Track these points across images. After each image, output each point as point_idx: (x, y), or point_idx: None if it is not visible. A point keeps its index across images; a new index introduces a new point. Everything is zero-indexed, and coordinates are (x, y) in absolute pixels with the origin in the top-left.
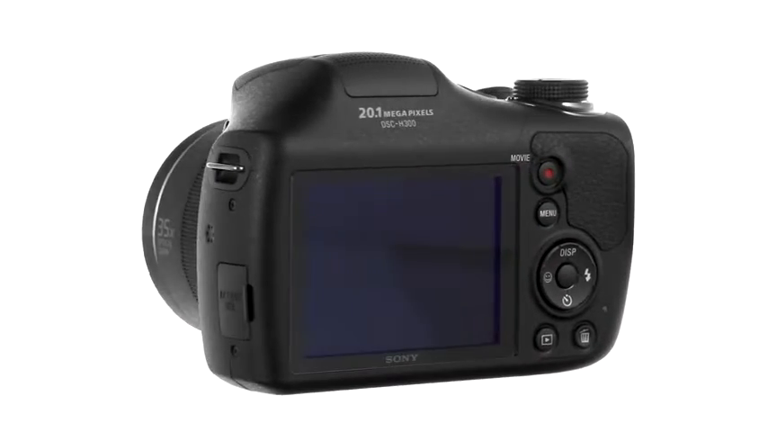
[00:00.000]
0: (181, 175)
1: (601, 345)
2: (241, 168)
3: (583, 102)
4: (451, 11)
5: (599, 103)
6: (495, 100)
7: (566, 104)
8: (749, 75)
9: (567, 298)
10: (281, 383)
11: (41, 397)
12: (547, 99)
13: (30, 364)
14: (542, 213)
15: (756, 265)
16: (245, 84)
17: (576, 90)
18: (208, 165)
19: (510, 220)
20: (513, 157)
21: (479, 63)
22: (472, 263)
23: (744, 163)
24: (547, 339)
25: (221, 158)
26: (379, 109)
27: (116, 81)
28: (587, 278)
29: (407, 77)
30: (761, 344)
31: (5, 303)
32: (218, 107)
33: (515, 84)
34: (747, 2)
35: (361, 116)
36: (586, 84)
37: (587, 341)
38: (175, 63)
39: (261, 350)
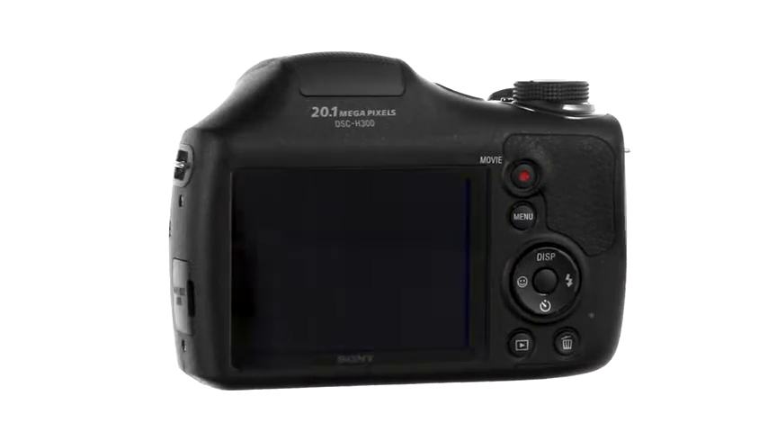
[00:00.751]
0: None
1: (587, 353)
2: (187, 165)
3: (584, 103)
4: (457, 12)
5: (601, 104)
6: (475, 101)
7: (565, 107)
8: (751, 76)
9: (546, 303)
10: (223, 379)
11: (67, 379)
12: (546, 101)
13: (59, 345)
14: (516, 216)
15: (762, 269)
16: (237, 81)
17: (575, 91)
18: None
19: (480, 223)
20: (483, 159)
21: (488, 65)
22: (438, 265)
23: (750, 166)
24: (522, 344)
25: (180, 155)
26: (334, 108)
27: (152, 83)
28: (569, 283)
29: (372, 77)
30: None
31: (33, 295)
32: None
33: (514, 85)
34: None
35: (314, 115)
36: (587, 85)
37: (569, 348)
38: (208, 63)
39: (202, 345)
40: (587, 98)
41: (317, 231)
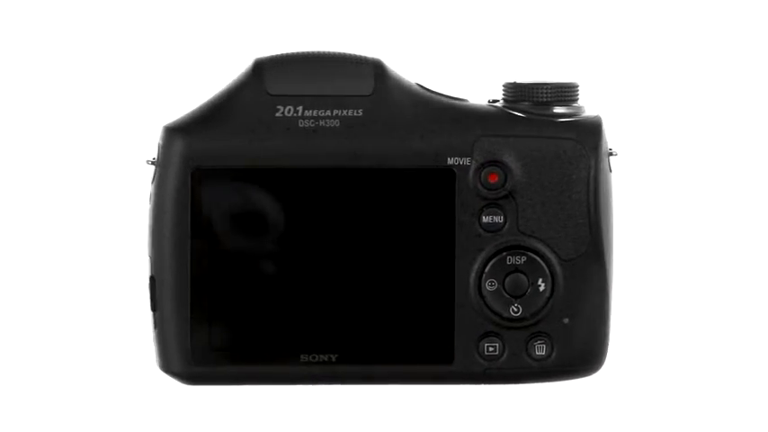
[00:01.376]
0: None
1: (563, 359)
2: (155, 163)
3: (574, 105)
4: (459, 13)
5: (596, 106)
6: (452, 102)
7: (555, 108)
8: (743, 80)
9: (516, 307)
10: (185, 374)
11: (66, 375)
12: (534, 102)
13: (62, 338)
14: (485, 219)
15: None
16: None
17: (564, 93)
18: None
19: (446, 224)
20: (451, 161)
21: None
22: (404, 266)
23: (740, 169)
24: (491, 348)
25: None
26: (299, 108)
27: (160, 79)
28: (541, 288)
29: (342, 77)
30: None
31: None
32: None
33: (502, 86)
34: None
35: (278, 115)
36: (576, 86)
37: (542, 354)
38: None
39: (164, 341)
40: (577, 99)
41: (278, 230)
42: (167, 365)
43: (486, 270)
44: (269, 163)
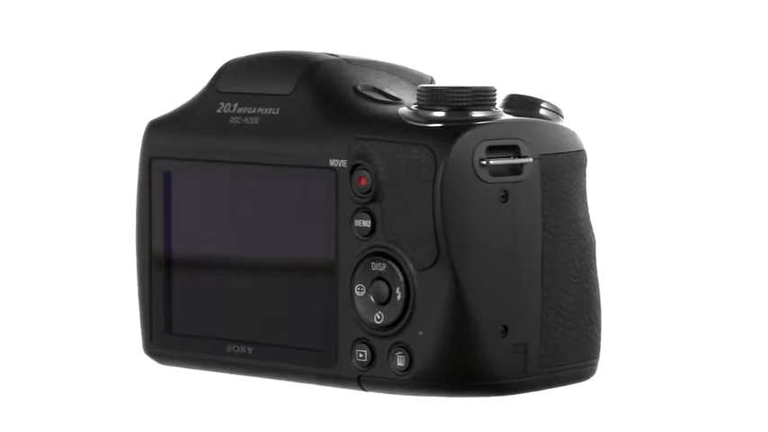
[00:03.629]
0: None
1: (423, 374)
2: None
3: (493, 109)
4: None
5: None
6: (365, 103)
7: (474, 113)
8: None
9: (380, 315)
10: (149, 352)
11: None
12: (452, 107)
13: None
14: (357, 223)
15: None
16: None
17: (481, 97)
18: None
19: (330, 228)
20: (332, 162)
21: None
22: (304, 265)
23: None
24: (361, 355)
25: None
26: (235, 105)
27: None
28: (398, 297)
29: (273, 76)
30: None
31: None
32: None
33: (417, 90)
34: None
35: (218, 111)
36: (494, 90)
37: (402, 365)
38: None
39: (140, 320)
40: (494, 103)
41: (212, 224)
42: (144, 344)
43: (356, 275)
44: (201, 156)
